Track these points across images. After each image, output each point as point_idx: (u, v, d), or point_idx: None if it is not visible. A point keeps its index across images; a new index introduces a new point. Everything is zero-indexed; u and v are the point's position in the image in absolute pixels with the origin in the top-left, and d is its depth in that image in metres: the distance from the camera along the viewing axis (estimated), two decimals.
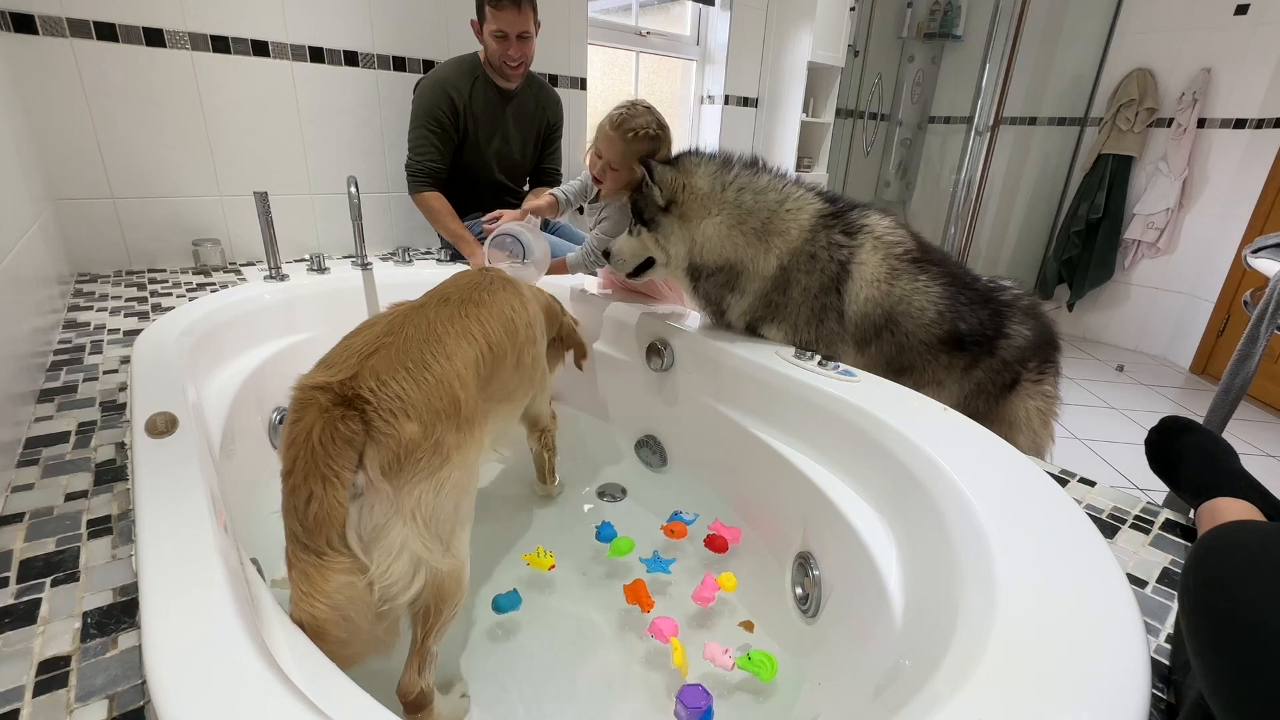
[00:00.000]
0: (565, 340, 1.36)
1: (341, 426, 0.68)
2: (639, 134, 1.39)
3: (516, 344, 1.00)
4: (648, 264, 1.39)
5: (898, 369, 1.28)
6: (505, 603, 1.07)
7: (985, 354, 1.26)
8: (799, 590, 1.09)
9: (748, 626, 1.09)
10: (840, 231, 1.26)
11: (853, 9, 3.32)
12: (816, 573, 1.05)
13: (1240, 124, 3.18)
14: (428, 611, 0.78)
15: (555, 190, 1.66)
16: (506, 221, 2.00)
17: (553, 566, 1.14)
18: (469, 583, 0.84)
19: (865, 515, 0.97)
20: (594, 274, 1.76)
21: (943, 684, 0.57)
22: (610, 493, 1.49)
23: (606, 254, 1.44)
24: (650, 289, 1.64)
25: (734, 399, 1.32)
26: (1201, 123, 3.28)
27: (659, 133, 1.42)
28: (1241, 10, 3.10)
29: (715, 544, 1.23)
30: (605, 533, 1.26)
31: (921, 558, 0.84)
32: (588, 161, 1.54)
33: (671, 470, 1.54)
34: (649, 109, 1.44)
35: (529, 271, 1.56)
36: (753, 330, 1.38)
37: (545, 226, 2.23)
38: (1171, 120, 3.35)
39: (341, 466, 0.67)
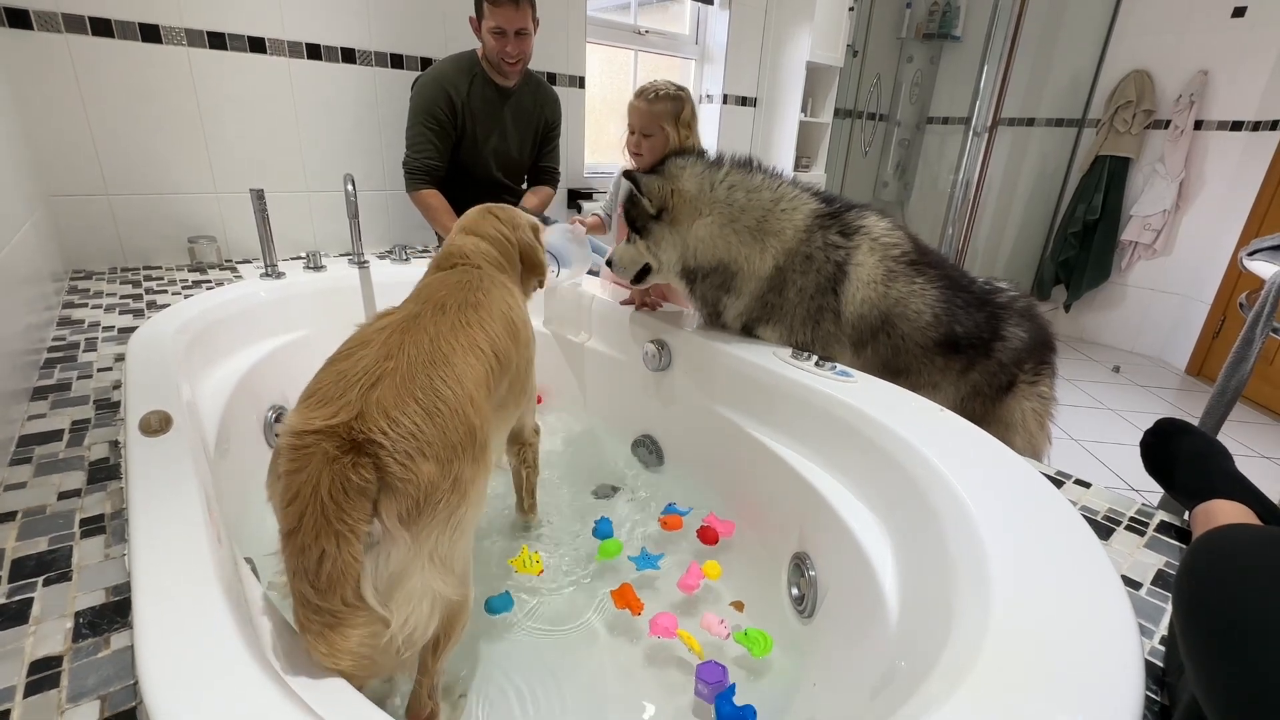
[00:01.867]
0: (525, 262, 1.14)
1: (354, 476, 0.60)
2: (659, 94, 1.44)
3: (519, 345, 0.94)
4: (645, 269, 1.39)
5: (894, 371, 1.28)
6: (498, 604, 1.06)
7: (981, 357, 1.27)
8: (795, 590, 1.09)
9: (738, 606, 1.11)
10: (837, 232, 1.26)
11: (851, 9, 3.32)
12: (812, 573, 1.05)
13: (1237, 126, 3.18)
14: (437, 640, 0.75)
15: (597, 210, 1.71)
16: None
17: (540, 572, 1.12)
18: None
19: (861, 516, 0.97)
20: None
21: (938, 685, 0.57)
22: (606, 491, 1.49)
23: (610, 261, 1.44)
24: (657, 292, 1.63)
25: (731, 399, 1.32)
26: (1198, 124, 3.29)
27: (679, 92, 1.46)
28: (1239, 13, 3.11)
29: (706, 536, 1.23)
30: (602, 529, 1.27)
31: (917, 559, 0.84)
32: (625, 145, 1.56)
33: (668, 469, 1.54)
34: (668, 80, 1.50)
35: (567, 274, 1.56)
36: (748, 331, 1.38)
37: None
38: (1169, 122, 3.36)
39: (356, 520, 0.59)
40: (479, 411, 0.73)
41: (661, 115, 1.45)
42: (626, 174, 1.32)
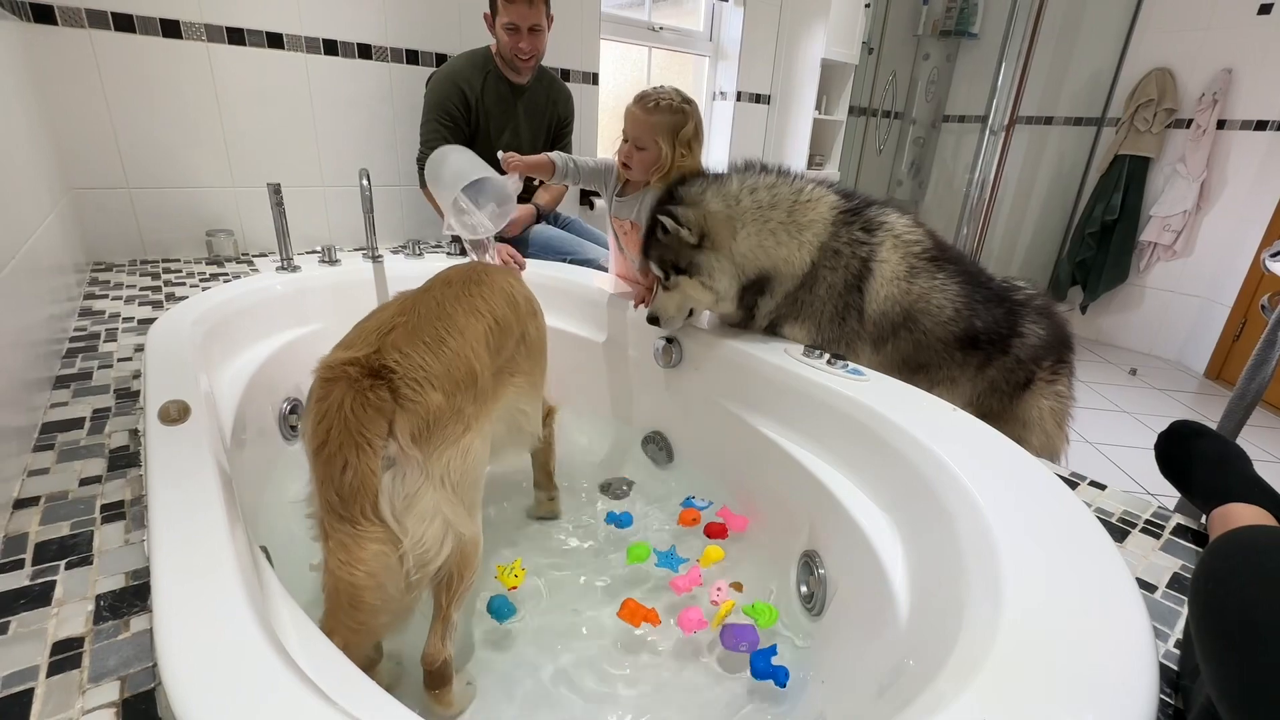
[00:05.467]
0: None
1: (371, 395, 0.71)
2: (659, 103, 1.33)
3: (520, 317, 1.02)
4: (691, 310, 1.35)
5: (913, 367, 1.28)
6: (500, 607, 1.04)
7: (999, 352, 1.27)
8: (804, 588, 1.08)
9: (737, 587, 1.13)
10: (860, 228, 1.26)
11: (868, 5, 3.29)
12: (822, 571, 1.05)
13: (1261, 125, 3.12)
14: (450, 579, 0.80)
15: (556, 155, 1.53)
16: (517, 215, 2.00)
17: (514, 587, 1.09)
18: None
19: (872, 514, 0.97)
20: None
21: (947, 684, 0.57)
22: (616, 488, 1.49)
23: (655, 319, 1.37)
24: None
25: (742, 396, 1.32)
26: (1221, 124, 3.23)
27: (684, 105, 1.35)
28: (1265, 10, 3.05)
29: (713, 531, 1.24)
30: (625, 521, 1.28)
31: (928, 558, 0.83)
32: (616, 151, 1.48)
33: (678, 466, 1.54)
34: (676, 89, 1.39)
35: (481, 218, 1.44)
36: (773, 329, 1.36)
37: (555, 221, 2.23)
38: (1190, 121, 3.30)
39: (374, 434, 0.69)
40: (479, 359, 0.85)
41: (658, 128, 1.34)
42: (660, 210, 1.26)
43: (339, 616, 0.71)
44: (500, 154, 1.47)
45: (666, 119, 1.35)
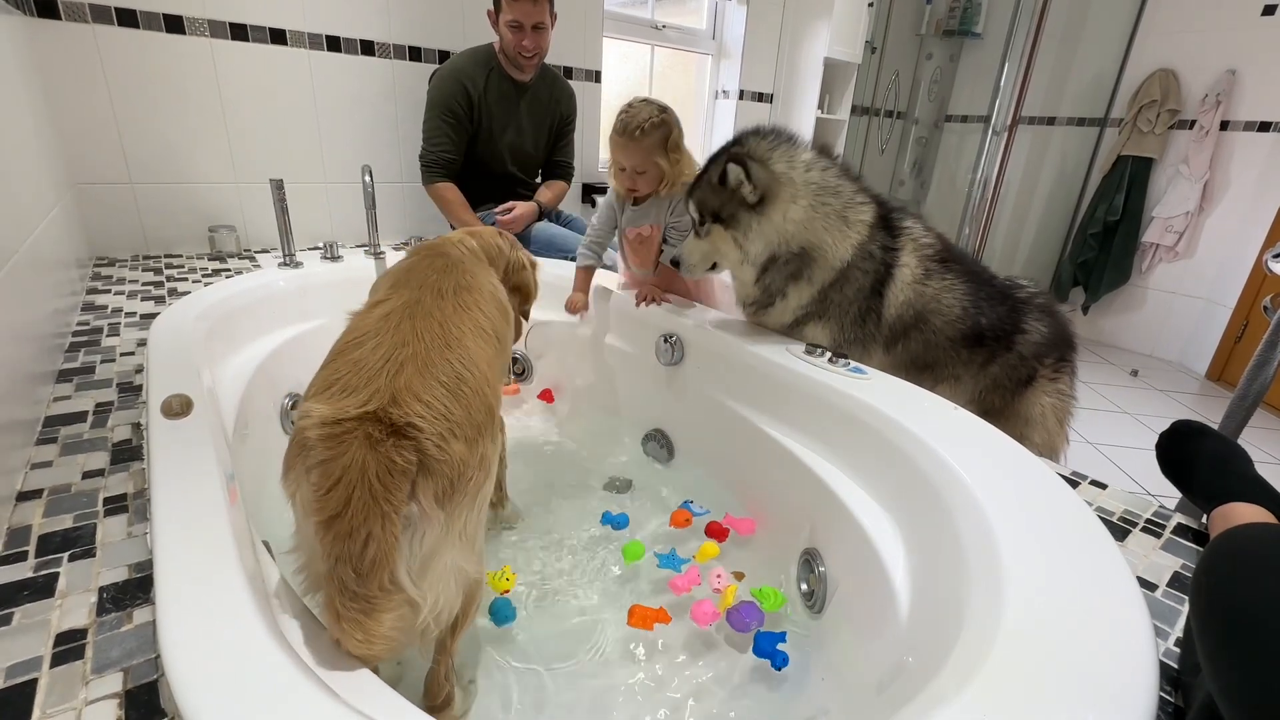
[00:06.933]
0: (511, 281, 1.14)
1: (398, 459, 0.61)
2: (644, 128, 1.38)
3: (506, 322, 0.96)
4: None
5: (920, 366, 1.30)
6: (502, 610, 1.04)
7: (1003, 349, 1.29)
8: (804, 586, 1.09)
9: (738, 576, 1.15)
10: (888, 233, 1.28)
11: (871, 5, 3.29)
12: (822, 569, 1.05)
13: (1265, 127, 3.12)
14: (457, 620, 0.76)
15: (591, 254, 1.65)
16: (520, 213, 2.01)
17: (506, 592, 1.08)
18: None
19: (873, 512, 0.97)
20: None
21: (947, 682, 0.57)
22: (617, 486, 1.49)
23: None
24: (677, 289, 1.63)
25: (743, 394, 1.32)
26: (1224, 125, 3.22)
27: (663, 116, 1.41)
28: (1269, 11, 3.04)
29: (713, 531, 1.24)
30: (621, 521, 1.28)
31: (929, 556, 0.83)
32: (612, 178, 1.52)
33: (679, 464, 1.54)
34: (645, 101, 1.43)
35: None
36: (795, 328, 1.35)
37: (557, 219, 2.23)
38: (1194, 122, 3.30)
39: (399, 501, 0.60)
40: (494, 391, 0.75)
41: (652, 150, 1.40)
42: (733, 157, 1.21)
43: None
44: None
45: (653, 138, 1.40)
